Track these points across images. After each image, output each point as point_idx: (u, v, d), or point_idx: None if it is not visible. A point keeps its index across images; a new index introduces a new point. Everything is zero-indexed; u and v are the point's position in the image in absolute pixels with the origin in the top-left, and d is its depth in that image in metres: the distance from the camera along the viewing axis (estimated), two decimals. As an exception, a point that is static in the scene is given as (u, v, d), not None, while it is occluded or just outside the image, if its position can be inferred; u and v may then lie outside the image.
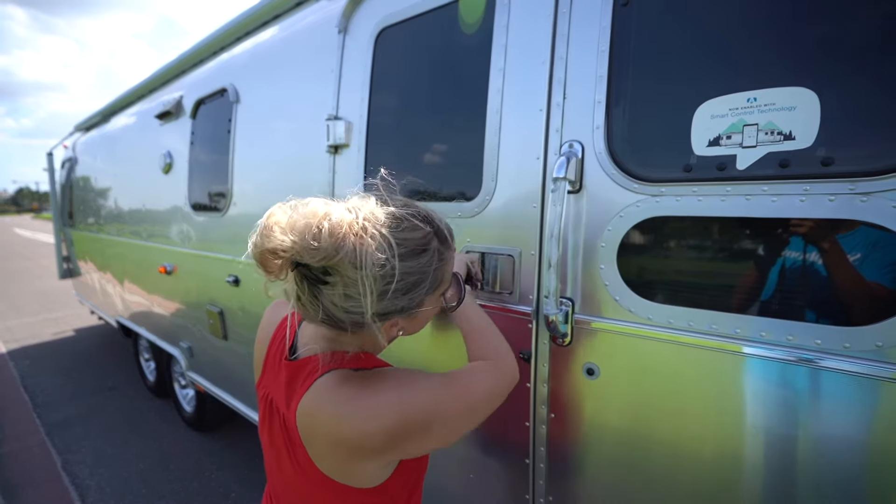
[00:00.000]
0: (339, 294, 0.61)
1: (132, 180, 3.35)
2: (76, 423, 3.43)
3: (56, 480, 2.74)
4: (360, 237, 0.59)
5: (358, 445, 0.64)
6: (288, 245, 0.57)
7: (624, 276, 0.94)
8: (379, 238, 0.61)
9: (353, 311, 0.62)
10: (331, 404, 0.65)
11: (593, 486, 1.05)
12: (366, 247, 0.59)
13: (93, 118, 4.27)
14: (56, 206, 5.16)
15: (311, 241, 0.57)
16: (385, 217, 0.64)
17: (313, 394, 0.67)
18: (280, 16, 2.13)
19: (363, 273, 0.59)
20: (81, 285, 5.02)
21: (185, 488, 2.62)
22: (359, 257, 0.58)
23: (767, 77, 0.76)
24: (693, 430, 0.89)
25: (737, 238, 0.84)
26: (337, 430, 0.64)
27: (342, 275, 0.60)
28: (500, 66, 1.11)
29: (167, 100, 2.80)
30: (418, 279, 0.66)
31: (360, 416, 0.63)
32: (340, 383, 0.67)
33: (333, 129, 1.56)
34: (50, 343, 5.39)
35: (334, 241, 0.57)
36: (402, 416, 0.65)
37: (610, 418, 1.00)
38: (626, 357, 0.95)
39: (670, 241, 0.92)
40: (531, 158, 1.05)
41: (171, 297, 2.93)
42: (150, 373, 3.83)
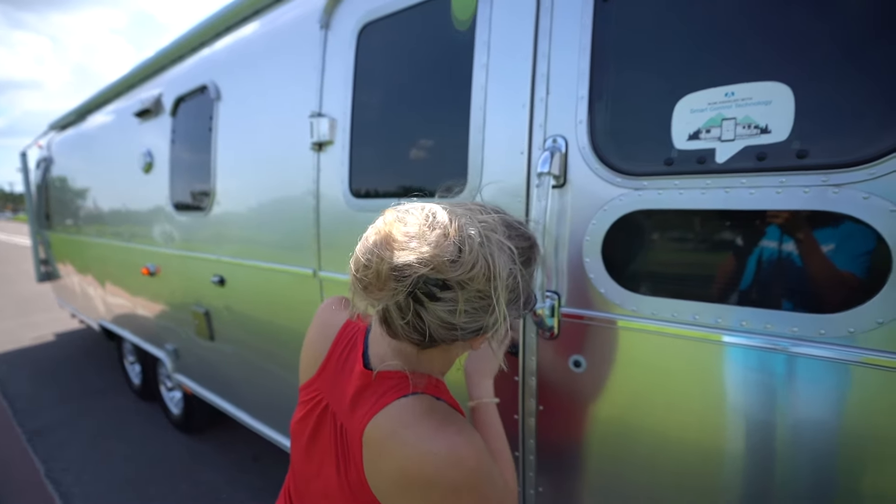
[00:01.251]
0: (457, 310, 0.56)
1: (111, 180, 3.27)
2: (59, 430, 3.35)
3: (40, 489, 2.68)
4: (489, 247, 0.56)
5: (425, 482, 0.60)
6: (431, 258, 0.53)
7: (608, 268, 0.95)
8: (506, 248, 0.59)
9: (467, 326, 0.57)
10: (417, 432, 0.61)
11: (581, 477, 1.07)
12: (496, 257, 0.56)
13: (68, 116, 4.15)
14: (32, 207, 5.01)
15: (454, 254, 0.54)
16: (498, 223, 0.61)
17: (395, 413, 0.63)
18: (261, 10, 2.09)
19: (497, 284, 0.56)
20: (61, 288, 4.90)
21: (175, 491, 2.59)
22: (492, 268, 0.55)
23: (744, 72, 0.78)
24: (678, 420, 0.91)
25: (717, 230, 0.86)
26: (413, 460, 0.60)
27: (467, 288, 0.55)
28: (484, 62, 1.12)
29: (146, 97, 2.74)
30: (527, 287, 0.66)
31: (445, 458, 0.59)
32: (428, 412, 0.63)
33: (317, 126, 1.54)
34: (30, 348, 5.25)
35: (473, 253, 0.54)
36: (478, 480, 0.61)
37: (596, 410, 1.02)
38: (611, 349, 0.97)
39: (653, 234, 0.93)
40: (515, 153, 1.06)
41: (155, 298, 2.88)
42: (135, 376, 3.77)
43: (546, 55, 1.01)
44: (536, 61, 1.03)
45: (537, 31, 1.03)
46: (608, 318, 0.96)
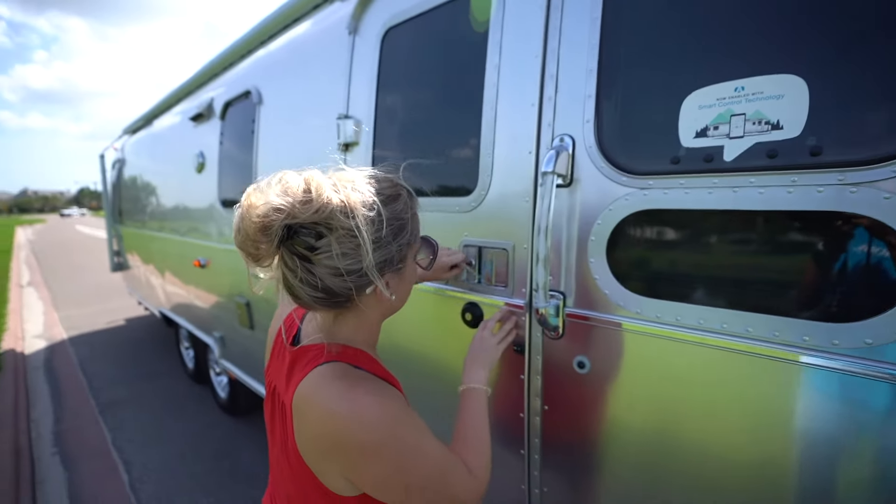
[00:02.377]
0: (335, 254, 0.60)
1: (171, 179, 3.56)
2: (125, 405, 3.70)
3: (107, 455, 2.98)
4: (343, 190, 0.61)
5: (336, 443, 0.63)
6: (278, 204, 0.57)
7: (613, 269, 0.93)
8: (360, 186, 0.64)
9: (351, 268, 0.62)
10: (325, 394, 0.65)
11: (586, 477, 1.06)
12: (352, 195, 0.61)
13: (138, 121, 4.56)
14: (108, 204, 5.55)
15: (303, 195, 0.59)
16: (354, 173, 0.67)
17: (311, 379, 0.67)
18: (299, 19, 2.21)
19: (356, 220, 0.60)
20: (130, 278, 5.38)
21: (218, 468, 2.79)
22: (348, 206, 0.60)
23: (755, 65, 0.74)
24: (682, 424, 0.88)
25: (724, 232, 0.82)
26: (323, 423, 0.64)
27: (335, 230, 0.60)
28: (496, 62, 1.12)
29: (200, 102, 2.96)
30: (402, 224, 0.69)
31: (346, 417, 0.62)
32: (340, 376, 0.66)
33: (343, 127, 1.61)
34: (105, 331, 5.83)
35: (323, 194, 0.59)
36: (382, 441, 0.62)
37: (600, 411, 1.00)
38: (614, 351, 0.95)
39: (659, 235, 0.90)
40: (524, 153, 1.06)
41: (205, 289, 3.11)
42: (189, 360, 4.07)
43: (555, 53, 1.00)
44: (546, 60, 1.02)
45: (547, 29, 1.02)
46: (612, 319, 0.94)
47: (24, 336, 5.63)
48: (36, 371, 4.50)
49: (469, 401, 0.88)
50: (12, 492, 2.57)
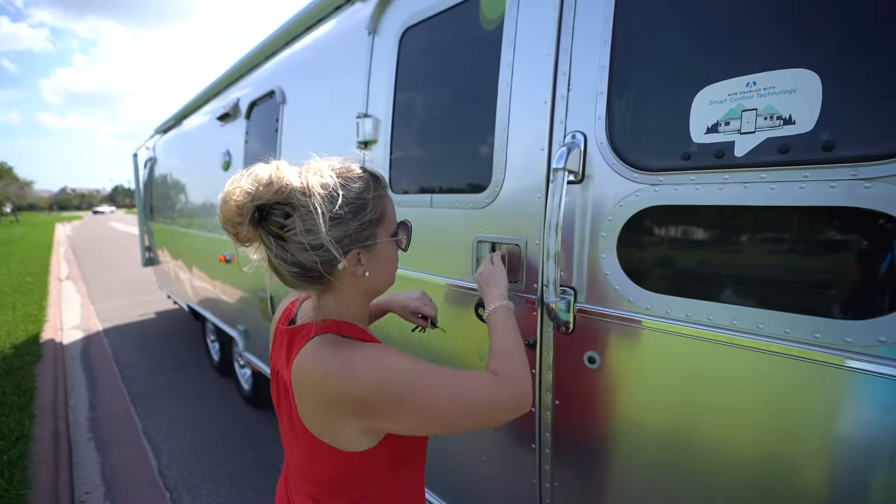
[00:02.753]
0: (299, 230, 0.68)
1: (199, 177, 3.69)
2: (154, 395, 3.86)
3: (137, 442, 3.13)
4: (305, 174, 0.70)
5: (333, 401, 0.68)
6: (248, 189, 0.66)
7: (623, 265, 0.94)
8: (322, 170, 0.71)
9: (314, 243, 0.68)
10: (319, 360, 0.70)
11: (596, 472, 1.06)
12: (310, 177, 0.69)
13: (168, 121, 4.74)
14: (140, 201, 5.78)
15: (265, 179, 0.67)
16: (324, 164, 0.73)
17: (305, 352, 0.73)
18: (322, 20, 2.26)
19: (313, 200, 0.67)
20: (160, 273, 5.60)
21: (242, 457, 2.89)
22: (306, 185, 0.67)
23: (767, 60, 0.74)
24: (691, 420, 0.88)
25: (735, 228, 0.81)
26: (319, 385, 0.69)
27: (297, 208, 0.68)
28: (510, 60, 1.14)
29: (227, 102, 3.06)
30: (362, 204, 0.73)
31: (338, 374, 0.68)
32: (328, 344, 0.72)
33: (362, 126, 1.65)
34: (136, 323, 6.08)
35: (285, 179, 0.67)
36: (376, 385, 0.67)
37: (610, 407, 1.00)
38: (624, 346, 0.95)
39: (669, 231, 0.90)
40: (536, 150, 1.07)
41: (230, 284, 3.21)
42: (215, 353, 4.21)
43: (568, 51, 1.01)
44: (558, 58, 1.03)
45: (560, 26, 1.03)
46: (622, 315, 0.94)
47: (62, 327, 5.92)
48: (73, 360, 4.73)
49: (494, 318, 0.92)
50: (52, 472, 2.72)
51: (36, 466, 2.75)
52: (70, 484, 2.66)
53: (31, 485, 2.58)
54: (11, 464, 2.74)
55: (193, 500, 2.52)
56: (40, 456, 2.87)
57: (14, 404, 3.53)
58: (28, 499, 2.46)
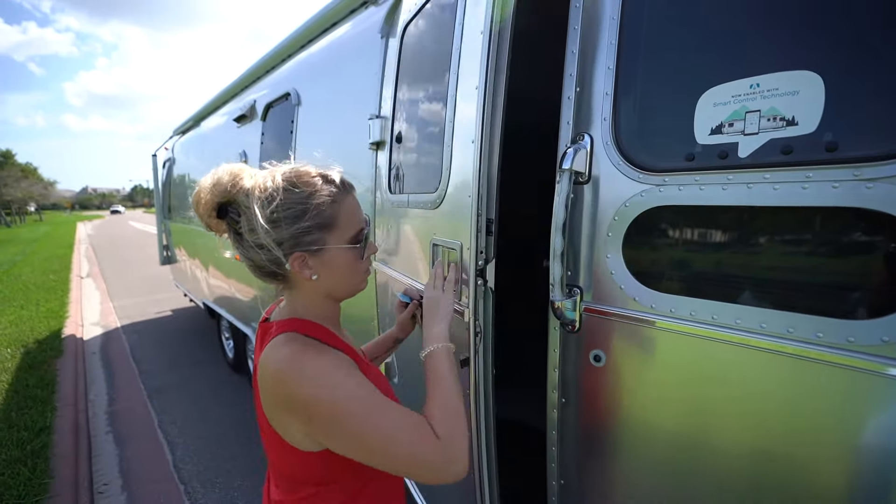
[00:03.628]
0: (245, 229, 0.73)
1: (215, 178, 3.77)
2: (170, 390, 3.96)
3: (154, 436, 3.21)
4: (255, 177, 0.74)
5: (279, 399, 0.71)
6: (208, 185, 0.73)
7: (629, 265, 0.95)
8: (268, 174, 0.75)
9: (258, 242, 0.72)
10: (277, 356, 0.72)
11: (602, 470, 1.07)
12: (256, 182, 0.73)
13: (187, 123, 4.86)
14: (158, 201, 5.92)
15: (217, 179, 0.73)
16: (284, 167, 0.77)
17: (268, 349, 0.75)
18: (336, 24, 2.31)
19: (251, 201, 0.71)
20: (177, 271, 5.73)
21: (253, 452, 2.95)
22: (250, 189, 0.72)
23: (771, 62, 0.74)
24: (696, 420, 0.89)
25: (739, 228, 0.82)
26: (272, 381, 0.71)
27: (243, 208, 0.73)
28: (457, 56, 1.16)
29: (243, 104, 3.13)
30: (302, 209, 0.74)
31: (286, 373, 0.69)
32: (289, 341, 0.74)
33: (373, 127, 1.69)
34: (153, 320, 6.22)
35: (231, 179, 0.72)
36: (315, 398, 0.68)
37: (615, 405, 1.01)
38: (630, 345, 0.96)
39: (674, 231, 0.91)
40: (468, 142, 1.09)
41: (244, 281, 3.28)
42: (229, 350, 4.30)
43: (575, 54, 1.03)
44: (566, 61, 1.04)
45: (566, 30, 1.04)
46: (627, 314, 0.96)
47: (83, 323, 6.09)
48: (93, 356, 4.87)
49: (432, 364, 0.85)
50: (72, 464, 2.81)
51: (57, 458, 2.85)
52: (89, 475, 2.75)
53: (52, 475, 2.67)
54: (34, 454, 2.84)
55: (207, 493, 2.58)
56: (61, 448, 2.96)
57: (37, 397, 3.65)
58: (49, 488, 2.55)
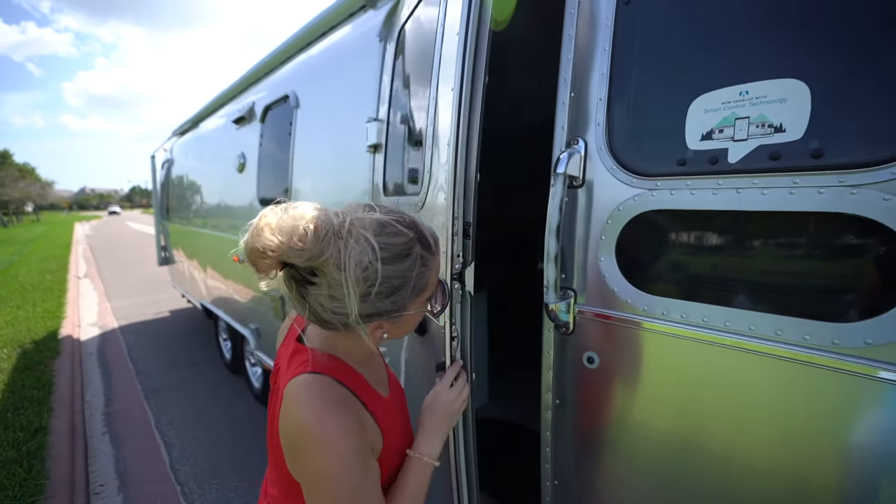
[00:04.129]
0: (324, 295, 0.64)
1: (214, 178, 3.78)
2: (167, 391, 3.95)
3: (150, 437, 3.20)
4: (345, 240, 0.63)
5: (296, 448, 0.70)
6: (275, 245, 0.60)
7: (622, 268, 0.96)
8: (363, 241, 0.64)
9: (338, 311, 0.65)
10: (304, 406, 0.70)
11: (594, 470, 1.08)
12: (349, 250, 0.62)
13: (186, 124, 4.86)
14: (156, 202, 5.92)
15: (296, 242, 0.61)
16: (370, 222, 0.66)
17: (298, 383, 0.72)
18: (335, 27, 2.33)
19: (346, 275, 0.62)
20: (175, 272, 5.72)
21: (251, 452, 2.95)
22: (342, 259, 0.62)
23: (759, 70, 0.76)
24: (688, 421, 0.90)
25: (729, 232, 0.84)
26: (295, 427, 0.70)
27: (327, 276, 0.63)
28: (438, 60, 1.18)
29: (242, 106, 3.14)
30: (401, 283, 0.68)
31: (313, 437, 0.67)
32: (320, 393, 0.71)
33: (371, 130, 1.70)
34: (150, 321, 6.21)
35: (319, 243, 0.61)
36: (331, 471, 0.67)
37: (608, 406, 1.03)
38: (622, 347, 0.98)
39: (666, 235, 0.93)
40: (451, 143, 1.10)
41: (243, 283, 3.29)
42: (226, 351, 4.30)
43: (570, 61, 1.04)
44: (561, 67, 1.06)
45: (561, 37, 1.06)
46: (620, 316, 0.97)
47: (80, 324, 6.08)
48: (90, 356, 4.86)
49: (416, 472, 0.83)
50: (69, 464, 2.80)
51: (53, 458, 2.84)
52: (85, 476, 2.75)
53: (48, 475, 2.66)
54: (30, 455, 2.84)
55: (203, 494, 2.58)
56: (57, 448, 2.96)
57: (33, 398, 3.64)
58: (45, 489, 2.54)
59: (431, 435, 0.87)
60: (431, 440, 0.87)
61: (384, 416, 0.80)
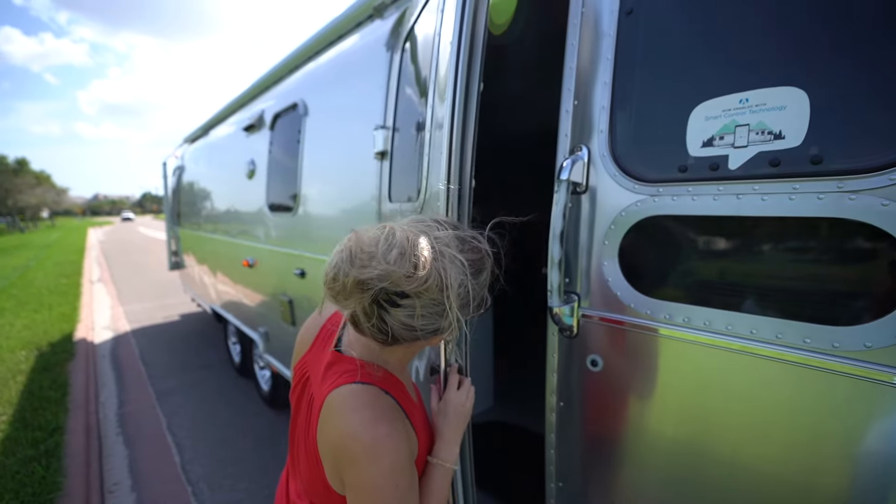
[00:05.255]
0: (416, 315, 0.65)
1: (224, 185, 3.85)
2: (178, 393, 4.01)
3: (162, 438, 3.25)
4: (441, 262, 0.65)
5: (348, 460, 0.70)
6: (389, 272, 0.61)
7: (625, 272, 0.98)
8: (457, 262, 0.67)
9: (426, 328, 0.67)
10: (354, 417, 0.70)
11: (597, 472, 1.09)
12: (448, 270, 0.65)
13: (197, 131, 4.95)
14: (168, 207, 6.02)
15: (409, 269, 0.62)
16: (451, 238, 0.70)
17: (344, 393, 0.72)
18: (343, 36, 2.37)
19: (449, 294, 0.64)
20: (185, 277, 5.80)
21: (260, 456, 2.98)
22: (444, 280, 0.64)
23: (759, 78, 0.78)
24: (691, 425, 0.91)
25: (730, 236, 0.85)
26: (344, 439, 0.70)
27: (423, 297, 0.64)
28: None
29: (252, 114, 3.20)
30: (481, 295, 0.73)
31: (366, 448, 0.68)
32: (370, 404, 0.72)
33: (378, 137, 1.73)
34: (161, 325, 6.30)
35: (427, 269, 0.63)
36: (383, 481, 0.68)
37: (611, 409, 1.04)
38: (626, 350, 0.99)
39: (668, 240, 0.94)
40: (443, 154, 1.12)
41: (252, 287, 3.33)
42: (236, 354, 4.35)
43: (573, 70, 1.06)
44: (564, 76, 1.08)
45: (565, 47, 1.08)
46: (624, 320, 0.98)
47: (94, 327, 6.19)
48: (104, 359, 4.94)
49: (439, 478, 0.85)
50: (84, 464, 2.86)
51: (69, 457, 2.90)
52: (100, 475, 2.80)
53: (65, 474, 2.72)
54: (48, 453, 2.90)
55: (213, 494, 2.62)
56: (73, 448, 3.02)
57: (51, 398, 3.72)
58: (62, 487, 2.60)
59: (450, 440, 0.88)
60: (451, 446, 0.88)
61: (417, 422, 0.81)
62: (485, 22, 1.07)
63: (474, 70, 1.07)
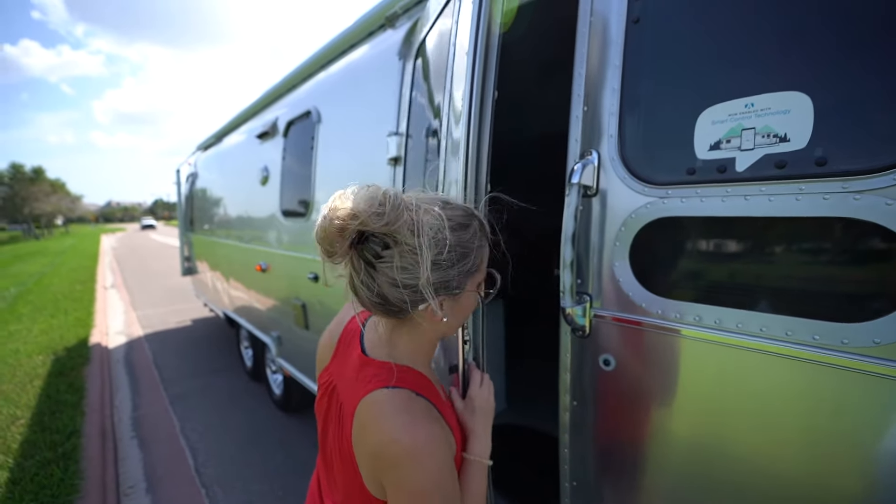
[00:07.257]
0: (395, 266, 0.66)
1: (237, 191, 3.92)
2: (191, 397, 4.06)
3: (175, 441, 3.30)
4: (416, 211, 0.67)
5: (390, 465, 0.69)
6: (358, 210, 0.63)
7: (636, 272, 1.00)
8: (432, 211, 0.68)
9: (407, 282, 0.67)
10: (391, 422, 0.69)
11: (611, 472, 1.11)
12: (422, 215, 0.67)
13: (210, 139, 5.05)
14: (181, 214, 6.13)
15: (377, 207, 0.64)
16: (433, 198, 0.72)
17: (378, 400, 0.71)
18: (355, 45, 2.43)
19: (420, 240, 0.65)
20: (198, 282, 5.89)
21: (272, 459, 3.02)
22: (416, 224, 0.66)
23: (763, 83, 0.80)
24: (703, 423, 0.93)
25: (738, 237, 0.87)
26: (384, 445, 0.69)
27: (400, 244, 0.66)
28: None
29: (265, 121, 3.27)
30: (464, 252, 0.72)
31: (407, 451, 0.67)
32: (405, 408, 0.71)
33: (391, 143, 1.78)
34: (174, 330, 6.39)
35: (396, 209, 0.65)
36: (427, 484, 0.67)
37: (624, 408, 1.06)
38: (637, 350, 1.01)
39: (677, 240, 0.96)
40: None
41: (265, 292, 3.39)
42: (248, 359, 4.40)
43: (582, 76, 1.10)
44: (573, 83, 1.12)
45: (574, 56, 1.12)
46: (635, 319, 1.01)
47: (108, 332, 6.29)
48: (118, 363, 5.03)
49: (477, 475, 0.85)
50: (100, 466, 2.91)
51: (86, 460, 2.96)
52: (116, 478, 2.85)
53: (82, 476, 2.77)
54: (66, 456, 2.96)
55: (227, 496, 2.65)
56: (89, 451, 3.08)
57: (67, 402, 3.79)
58: (80, 489, 2.65)
59: (481, 435, 0.89)
60: (483, 441, 0.88)
61: (449, 420, 0.81)
62: (499, 32, 1.11)
63: (489, 79, 1.12)
